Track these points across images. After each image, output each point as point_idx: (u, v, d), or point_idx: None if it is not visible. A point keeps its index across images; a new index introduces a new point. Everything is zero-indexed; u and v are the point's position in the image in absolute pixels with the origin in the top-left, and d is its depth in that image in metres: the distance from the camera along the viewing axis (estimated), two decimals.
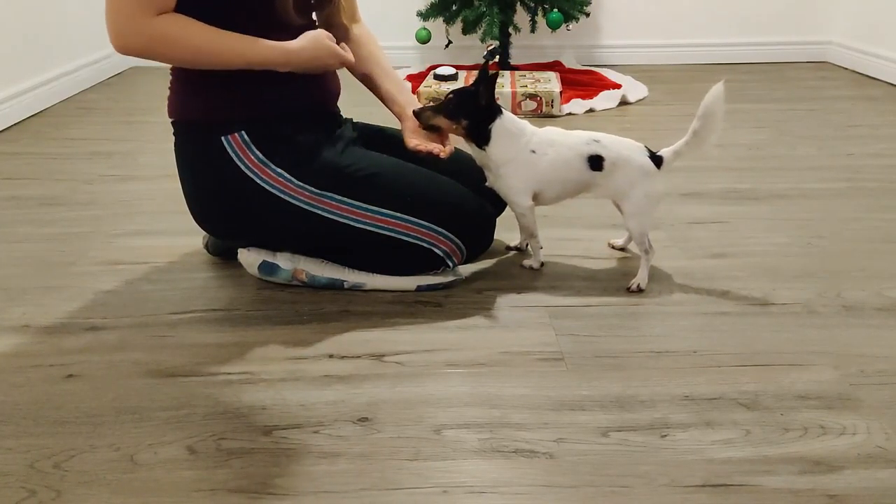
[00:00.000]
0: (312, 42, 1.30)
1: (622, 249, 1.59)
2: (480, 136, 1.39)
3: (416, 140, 1.41)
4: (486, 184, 1.46)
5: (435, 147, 1.39)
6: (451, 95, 1.39)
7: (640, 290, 1.42)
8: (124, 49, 1.19)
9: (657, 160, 1.38)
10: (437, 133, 1.43)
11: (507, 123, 1.39)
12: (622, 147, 1.39)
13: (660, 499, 0.92)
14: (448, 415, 1.08)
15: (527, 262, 1.52)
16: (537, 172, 1.41)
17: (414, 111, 1.42)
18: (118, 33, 1.18)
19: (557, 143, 1.40)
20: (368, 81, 1.53)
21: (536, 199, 1.45)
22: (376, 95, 1.54)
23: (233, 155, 1.32)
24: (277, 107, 1.34)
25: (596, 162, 1.38)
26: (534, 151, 1.39)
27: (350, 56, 1.35)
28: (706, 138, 1.34)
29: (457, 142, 1.44)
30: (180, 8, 1.20)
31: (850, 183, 1.97)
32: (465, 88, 1.39)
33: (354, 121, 1.55)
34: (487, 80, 1.36)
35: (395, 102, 1.49)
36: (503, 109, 1.40)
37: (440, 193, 1.40)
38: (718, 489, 0.94)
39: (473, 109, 1.38)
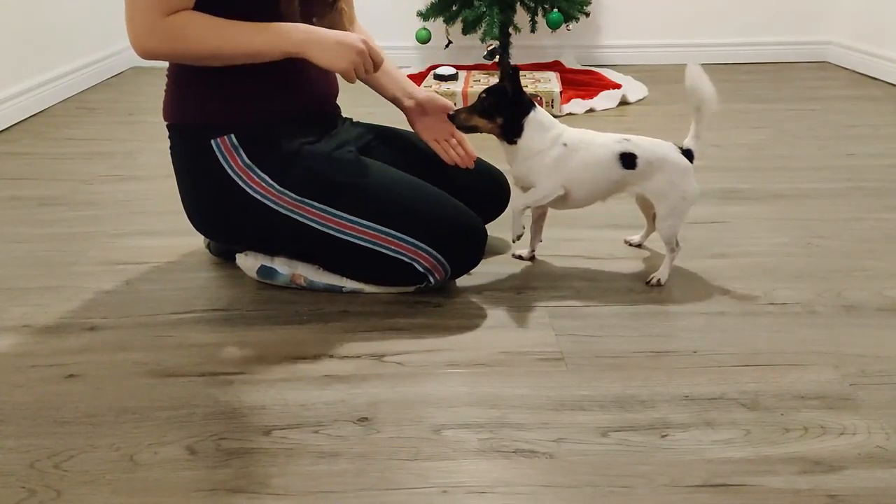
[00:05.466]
0: (340, 33, 1.28)
1: (638, 246, 1.60)
2: (513, 131, 1.38)
3: (429, 134, 1.46)
4: (514, 183, 1.47)
5: (462, 161, 1.46)
6: (484, 95, 1.40)
7: (659, 285, 1.42)
8: (143, 51, 1.19)
9: (688, 155, 1.39)
10: (471, 133, 1.43)
11: (540, 116, 1.39)
12: (655, 146, 1.39)
13: (660, 499, 0.92)
14: (448, 415, 1.08)
15: (519, 252, 1.55)
16: (568, 167, 1.39)
17: (449, 115, 1.42)
18: (135, 35, 1.18)
19: (588, 142, 1.40)
20: (371, 80, 1.52)
21: (566, 199, 1.43)
22: (377, 91, 1.53)
23: (221, 158, 1.31)
24: (271, 110, 1.33)
25: (628, 160, 1.37)
26: (566, 145, 1.38)
27: (382, 56, 1.30)
28: (706, 112, 1.37)
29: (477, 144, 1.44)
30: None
31: (850, 183, 1.97)
32: (496, 86, 1.40)
33: (354, 120, 1.55)
34: (511, 76, 1.37)
35: (392, 97, 1.49)
36: (535, 104, 1.40)
37: (425, 207, 1.35)
38: (718, 489, 0.94)
39: (507, 105, 1.38)
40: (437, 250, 1.34)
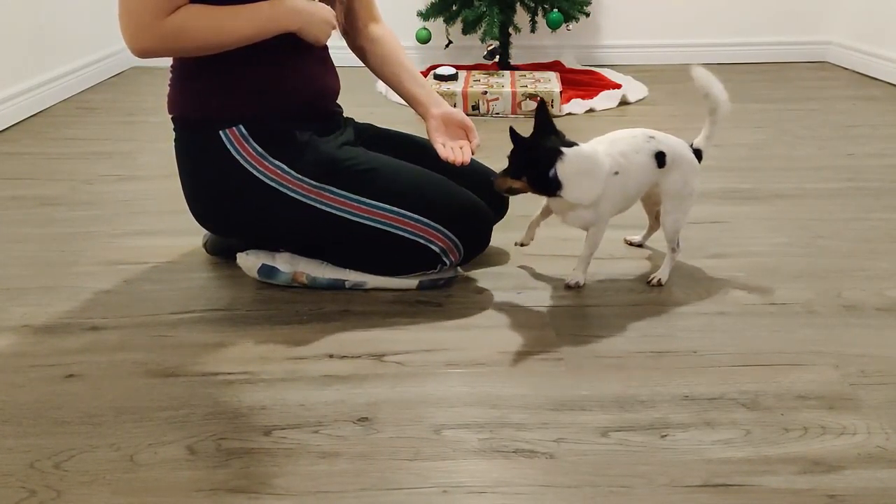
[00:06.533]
0: (318, 8, 1.32)
1: (639, 246, 1.60)
2: (548, 186, 1.29)
3: (441, 138, 1.44)
4: (563, 221, 1.40)
5: (458, 157, 1.40)
6: (509, 154, 1.31)
7: (660, 285, 1.43)
8: (140, 50, 1.20)
9: (698, 154, 1.40)
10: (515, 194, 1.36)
11: (575, 162, 1.28)
12: (675, 143, 1.39)
13: (660, 499, 0.92)
14: (448, 415, 1.08)
15: (520, 240, 1.50)
16: (621, 192, 1.34)
17: (495, 187, 1.36)
18: (132, 37, 1.19)
19: (627, 153, 1.34)
20: (392, 83, 1.53)
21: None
22: (400, 96, 1.55)
23: (231, 148, 1.32)
24: (276, 105, 1.34)
25: (661, 158, 1.36)
26: (617, 173, 1.33)
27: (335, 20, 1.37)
28: (720, 112, 1.39)
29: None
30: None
31: (851, 183, 1.97)
32: (516, 142, 1.28)
33: (356, 121, 1.55)
34: (540, 117, 1.29)
35: (420, 103, 1.49)
36: (565, 150, 1.27)
37: (437, 191, 1.39)
38: (718, 489, 0.94)
39: (526, 161, 1.29)
40: (451, 231, 1.37)
